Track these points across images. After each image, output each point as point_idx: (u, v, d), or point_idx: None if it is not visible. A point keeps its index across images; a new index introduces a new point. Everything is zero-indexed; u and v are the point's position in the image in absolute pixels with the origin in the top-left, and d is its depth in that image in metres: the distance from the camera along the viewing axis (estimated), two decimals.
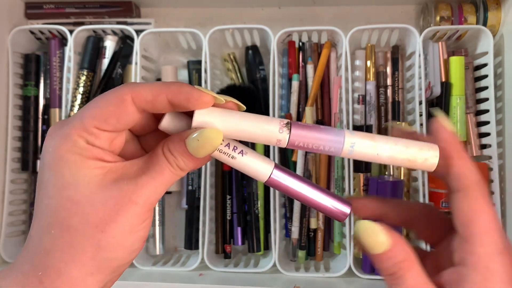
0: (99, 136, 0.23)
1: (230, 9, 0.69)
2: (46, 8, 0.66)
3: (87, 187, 0.22)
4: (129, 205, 0.22)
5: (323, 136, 0.25)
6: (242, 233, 0.63)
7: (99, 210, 0.22)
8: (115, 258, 0.23)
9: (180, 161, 0.24)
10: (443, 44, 0.60)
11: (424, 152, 0.25)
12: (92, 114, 0.23)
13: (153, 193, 0.23)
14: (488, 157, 0.58)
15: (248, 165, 0.26)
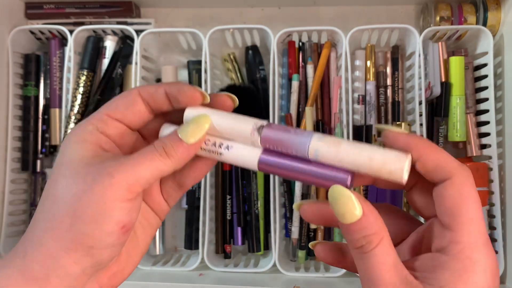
0: (109, 124, 0.26)
1: (230, 9, 0.69)
2: (46, 8, 0.66)
3: (76, 163, 0.24)
4: (105, 177, 0.23)
5: (291, 140, 0.25)
6: (242, 233, 0.63)
7: (80, 182, 0.23)
8: (88, 235, 0.23)
9: (167, 145, 0.25)
10: (443, 44, 0.61)
11: (388, 166, 0.23)
12: (106, 105, 0.26)
13: (131, 171, 0.23)
14: (488, 157, 0.58)
15: (236, 158, 0.26)
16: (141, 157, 0.24)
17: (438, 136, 0.60)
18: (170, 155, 0.25)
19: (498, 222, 0.57)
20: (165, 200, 0.29)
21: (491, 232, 0.57)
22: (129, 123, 0.27)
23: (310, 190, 0.59)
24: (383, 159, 0.23)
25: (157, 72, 0.67)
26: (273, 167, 0.26)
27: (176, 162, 0.25)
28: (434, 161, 0.24)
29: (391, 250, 0.23)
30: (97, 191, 0.23)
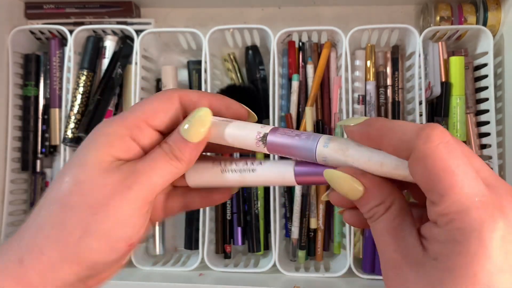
0: (145, 132, 0.24)
1: (230, 9, 0.69)
2: (46, 8, 0.66)
3: (93, 169, 0.22)
4: (124, 190, 0.22)
5: (298, 148, 0.24)
6: (242, 233, 0.63)
7: (97, 193, 0.22)
8: (96, 250, 0.22)
9: (174, 148, 0.24)
10: (443, 44, 0.61)
11: (400, 171, 0.22)
12: (143, 108, 0.24)
13: (148, 183, 0.23)
14: (488, 157, 0.58)
15: (271, 172, 0.25)
16: (154, 164, 0.23)
17: None
18: (178, 157, 0.24)
19: None
20: (163, 209, 0.28)
21: None
22: (163, 131, 0.25)
23: (310, 190, 0.59)
24: (394, 164, 0.22)
25: (157, 72, 0.67)
26: (310, 176, 0.25)
27: (187, 164, 0.24)
28: (394, 140, 0.21)
29: (398, 216, 0.22)
30: (114, 206, 0.22)
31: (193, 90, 0.26)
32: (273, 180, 0.26)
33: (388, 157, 0.22)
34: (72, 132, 0.60)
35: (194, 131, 0.24)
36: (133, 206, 0.22)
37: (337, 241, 0.60)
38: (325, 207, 0.60)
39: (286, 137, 0.25)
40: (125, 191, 0.22)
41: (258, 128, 0.25)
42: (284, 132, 0.25)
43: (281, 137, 0.25)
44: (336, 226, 0.60)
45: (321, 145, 0.24)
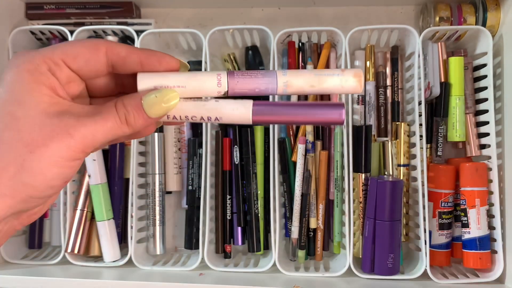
0: (62, 69, 0.24)
1: (230, 10, 0.69)
2: (46, 8, 0.67)
3: (31, 108, 0.22)
4: (64, 136, 0.22)
5: (258, 79, 0.26)
6: (242, 233, 0.63)
7: (34, 132, 0.22)
8: (32, 186, 0.22)
9: (130, 115, 0.24)
10: (442, 45, 0.61)
11: (346, 74, 0.25)
12: (64, 49, 0.24)
13: (90, 134, 0.23)
14: (487, 157, 0.59)
15: (228, 110, 0.26)
16: (101, 120, 0.24)
17: (438, 136, 0.60)
18: (130, 124, 0.24)
19: (497, 222, 0.57)
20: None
21: (490, 232, 0.57)
22: (82, 75, 0.25)
23: (310, 190, 0.59)
24: (344, 78, 0.25)
25: None
26: (268, 115, 0.26)
27: (133, 130, 0.25)
28: None
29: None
30: (53, 148, 0.22)
31: (123, 44, 0.25)
32: (229, 113, 0.26)
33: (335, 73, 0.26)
34: None
35: (156, 109, 0.24)
36: (71, 152, 0.23)
37: (337, 240, 0.61)
38: (324, 207, 0.61)
39: (246, 76, 0.26)
40: (66, 137, 0.22)
41: (215, 73, 0.26)
42: (241, 73, 0.26)
43: (242, 77, 0.26)
44: (335, 226, 0.60)
45: (281, 73, 0.26)
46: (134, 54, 0.25)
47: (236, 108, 0.26)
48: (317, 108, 0.25)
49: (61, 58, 0.24)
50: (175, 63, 0.27)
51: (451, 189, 0.59)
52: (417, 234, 0.59)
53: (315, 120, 0.26)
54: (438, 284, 0.56)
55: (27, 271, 0.59)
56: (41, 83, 0.23)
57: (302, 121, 0.26)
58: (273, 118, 0.26)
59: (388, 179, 0.57)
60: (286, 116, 0.26)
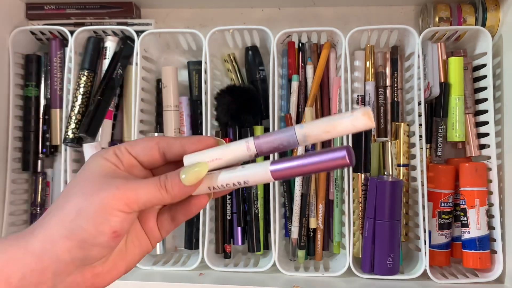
0: (124, 154, 0.31)
1: (230, 10, 0.69)
2: (46, 9, 0.67)
3: (95, 172, 0.29)
4: (112, 188, 0.28)
5: (280, 137, 0.29)
6: (242, 233, 0.63)
7: (93, 188, 0.28)
8: (85, 229, 0.27)
9: (168, 181, 0.29)
10: (442, 45, 0.61)
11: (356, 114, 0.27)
12: (128, 143, 0.32)
13: (133, 191, 0.28)
14: (487, 157, 0.59)
15: (252, 174, 0.30)
16: (144, 183, 0.29)
17: (437, 136, 0.60)
18: (168, 190, 0.29)
19: (497, 222, 0.57)
20: (158, 229, 0.33)
21: (490, 232, 0.57)
22: (141, 162, 0.32)
23: (309, 190, 0.59)
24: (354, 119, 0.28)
25: (158, 72, 0.67)
26: (284, 171, 0.29)
27: (171, 197, 0.29)
28: None
29: None
30: (102, 197, 0.28)
31: (174, 137, 0.32)
32: (253, 176, 0.30)
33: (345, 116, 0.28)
34: (72, 132, 0.60)
35: (189, 176, 0.29)
36: (117, 203, 0.28)
37: (337, 240, 0.61)
38: (324, 207, 0.61)
39: (270, 136, 0.30)
40: (112, 189, 0.28)
41: (243, 145, 0.30)
42: (264, 136, 0.30)
43: (264, 136, 0.30)
44: (335, 226, 0.60)
45: (298, 127, 0.29)
46: (177, 140, 0.31)
47: (257, 171, 0.30)
48: (323, 155, 0.29)
49: (124, 147, 0.31)
50: (212, 140, 0.31)
51: (450, 189, 0.59)
52: (417, 234, 0.59)
53: (324, 166, 0.29)
54: (437, 284, 0.56)
55: None
56: (107, 160, 0.30)
57: (313, 169, 0.29)
58: (289, 172, 0.29)
59: (387, 179, 0.57)
60: (299, 169, 0.29)
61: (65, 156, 0.61)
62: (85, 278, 0.29)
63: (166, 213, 0.33)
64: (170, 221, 0.33)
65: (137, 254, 0.32)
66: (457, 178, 0.59)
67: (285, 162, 0.29)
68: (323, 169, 0.29)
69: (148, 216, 0.33)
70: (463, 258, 0.58)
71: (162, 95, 0.64)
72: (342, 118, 0.28)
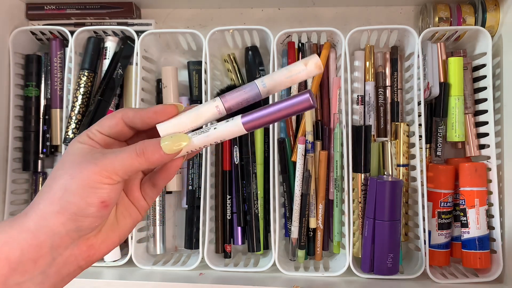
0: (97, 135, 0.33)
1: (230, 10, 0.69)
2: (47, 9, 0.67)
3: (75, 154, 0.31)
4: (91, 165, 0.30)
5: (243, 90, 0.32)
6: (242, 232, 0.63)
7: (74, 168, 0.30)
8: (74, 203, 0.29)
9: (148, 150, 0.31)
10: (441, 45, 0.61)
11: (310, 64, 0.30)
12: (97, 123, 0.33)
13: (110, 163, 0.30)
14: (486, 157, 0.59)
15: (225, 131, 0.32)
16: (120, 153, 0.31)
17: (437, 136, 0.60)
18: (146, 157, 0.31)
19: (496, 222, 0.57)
20: (143, 198, 0.35)
21: (489, 232, 0.58)
22: (115, 138, 0.34)
23: (309, 190, 0.59)
24: (304, 60, 0.31)
25: (158, 72, 0.67)
26: (255, 121, 0.31)
27: (149, 164, 0.31)
28: None
29: None
30: (84, 174, 0.30)
31: (133, 108, 0.33)
32: (227, 132, 0.32)
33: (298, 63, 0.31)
34: (73, 132, 0.61)
35: (170, 145, 0.31)
36: (99, 177, 0.30)
37: (336, 240, 0.61)
38: (324, 207, 0.61)
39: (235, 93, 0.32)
40: (92, 165, 0.30)
41: (211, 104, 0.32)
42: (230, 96, 0.32)
43: (230, 94, 0.32)
44: (335, 225, 0.60)
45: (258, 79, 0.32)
46: (137, 114, 0.33)
47: (230, 126, 0.32)
48: (288, 101, 0.31)
49: (95, 129, 0.33)
50: (173, 108, 0.33)
51: (450, 189, 0.59)
52: (417, 234, 0.59)
53: (291, 111, 0.31)
54: (437, 284, 0.56)
55: None
56: (83, 143, 0.32)
57: (282, 115, 0.31)
58: (260, 121, 0.32)
59: (387, 179, 0.57)
60: (269, 117, 0.31)
61: None
62: (81, 250, 0.31)
63: (147, 182, 0.35)
64: (152, 188, 0.35)
65: (128, 224, 0.34)
66: (457, 178, 0.59)
67: (255, 113, 0.32)
68: (290, 113, 0.31)
69: (132, 187, 0.35)
70: (462, 258, 0.58)
71: (162, 95, 0.64)
72: (296, 65, 0.31)
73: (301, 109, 0.31)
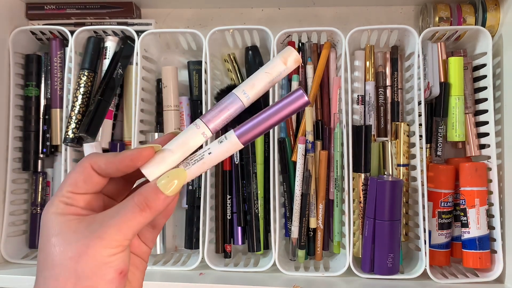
0: (74, 198, 0.28)
1: (230, 10, 0.69)
2: (47, 8, 0.67)
3: (65, 233, 0.27)
4: (95, 240, 0.26)
5: (224, 106, 0.29)
6: (242, 232, 0.63)
7: (73, 247, 0.26)
8: (93, 286, 0.26)
9: (149, 199, 0.27)
10: (442, 45, 0.61)
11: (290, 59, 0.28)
12: (67, 183, 0.29)
13: (116, 231, 0.27)
14: (487, 157, 0.59)
15: (220, 153, 0.29)
16: (122, 215, 0.27)
17: (437, 136, 0.60)
18: (152, 208, 0.27)
19: (497, 221, 0.57)
20: (143, 243, 0.32)
21: (490, 232, 0.57)
22: (92, 192, 0.29)
23: (309, 190, 0.59)
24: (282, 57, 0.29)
25: (158, 72, 0.67)
26: (250, 132, 0.29)
27: (156, 213, 0.28)
28: None
29: None
30: (92, 253, 0.26)
31: (103, 155, 0.29)
32: (224, 153, 0.29)
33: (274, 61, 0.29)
34: (73, 132, 0.60)
35: (171, 186, 0.28)
36: (109, 250, 0.27)
37: (337, 240, 0.61)
38: (324, 207, 0.61)
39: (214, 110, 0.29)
40: (98, 241, 0.26)
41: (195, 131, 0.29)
42: (212, 115, 0.29)
43: (211, 112, 0.29)
44: (335, 225, 0.60)
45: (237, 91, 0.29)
46: (110, 164, 0.28)
47: (225, 146, 0.29)
48: (281, 103, 0.28)
49: (68, 191, 0.28)
50: (146, 151, 0.29)
51: (450, 189, 0.59)
52: (417, 234, 0.59)
53: (287, 113, 0.28)
54: (437, 284, 0.56)
55: (28, 270, 0.59)
56: (63, 214, 0.28)
57: (277, 120, 0.29)
58: (256, 132, 0.29)
59: (387, 179, 0.57)
60: (264, 125, 0.29)
61: (65, 156, 0.61)
62: None
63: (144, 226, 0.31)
64: (152, 230, 0.32)
65: (138, 277, 0.32)
66: (457, 178, 0.59)
67: (248, 123, 0.29)
68: (286, 115, 0.28)
69: None
70: (463, 258, 0.58)
71: (162, 95, 0.64)
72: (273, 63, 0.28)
73: (297, 108, 0.29)
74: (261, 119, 0.29)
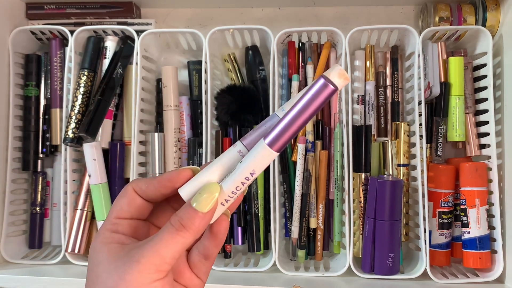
0: (120, 223, 0.29)
1: (230, 10, 0.69)
2: (47, 8, 0.67)
3: (107, 262, 0.27)
4: (133, 265, 0.26)
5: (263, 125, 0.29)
6: (242, 232, 0.63)
7: (113, 275, 0.26)
8: None
9: (184, 219, 0.27)
10: (442, 45, 0.61)
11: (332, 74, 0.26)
12: (113, 209, 0.29)
13: (156, 254, 0.26)
14: (487, 157, 0.59)
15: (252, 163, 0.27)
16: (161, 237, 0.26)
17: (438, 136, 0.60)
18: (188, 227, 0.27)
19: (497, 221, 0.57)
20: (195, 275, 0.30)
21: (490, 232, 0.57)
22: (138, 217, 0.30)
23: (310, 190, 0.59)
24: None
25: (158, 72, 0.67)
26: (282, 137, 0.26)
27: (195, 233, 0.27)
28: None
29: None
30: (129, 280, 0.25)
31: (143, 179, 0.30)
32: (257, 164, 0.27)
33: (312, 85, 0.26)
34: (73, 132, 0.60)
35: (204, 201, 0.27)
36: (147, 275, 0.26)
37: (337, 240, 0.61)
38: (324, 207, 0.61)
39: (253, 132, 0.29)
40: (135, 265, 0.26)
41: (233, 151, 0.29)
42: (252, 136, 0.29)
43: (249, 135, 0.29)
44: (335, 225, 0.60)
45: (279, 111, 0.29)
46: (150, 185, 0.29)
47: (258, 156, 0.27)
48: (305, 97, 0.26)
49: (115, 217, 0.29)
50: (184, 172, 0.29)
51: (451, 189, 0.59)
52: (417, 234, 0.59)
53: (317, 105, 0.26)
54: (438, 284, 0.56)
55: (28, 270, 0.59)
56: (109, 242, 0.28)
57: (308, 115, 0.26)
58: (288, 135, 0.27)
59: (388, 179, 0.57)
60: (295, 124, 0.26)
61: (65, 155, 0.61)
62: None
63: (196, 257, 0.30)
64: (205, 261, 0.30)
65: None
66: (458, 177, 0.59)
67: (276, 128, 0.27)
68: (316, 108, 0.26)
69: (180, 269, 0.30)
70: (463, 258, 0.58)
71: (162, 94, 0.64)
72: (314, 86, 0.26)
73: (325, 100, 0.26)
74: (289, 121, 0.26)
